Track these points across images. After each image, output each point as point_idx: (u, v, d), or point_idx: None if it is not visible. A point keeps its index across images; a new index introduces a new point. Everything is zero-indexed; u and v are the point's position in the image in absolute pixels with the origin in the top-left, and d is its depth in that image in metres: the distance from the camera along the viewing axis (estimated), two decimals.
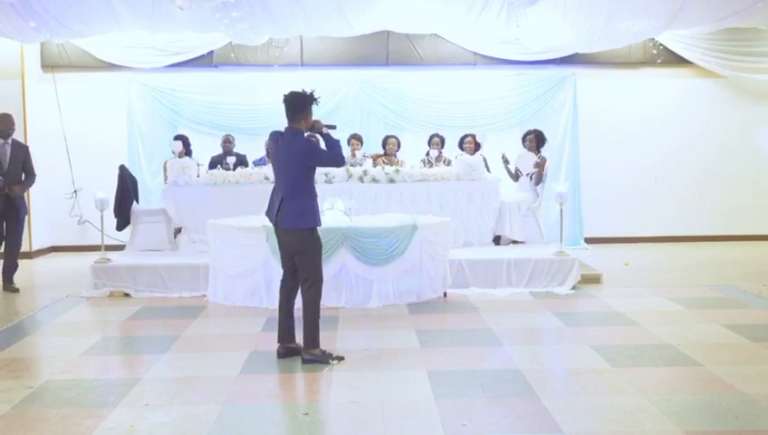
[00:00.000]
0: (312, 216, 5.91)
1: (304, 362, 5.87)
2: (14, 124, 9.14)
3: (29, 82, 11.80)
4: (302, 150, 5.84)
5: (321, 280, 5.94)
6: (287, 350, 6.06)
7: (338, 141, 6.01)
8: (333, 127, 6.16)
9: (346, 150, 10.56)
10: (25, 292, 9.31)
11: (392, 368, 5.79)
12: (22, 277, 10.33)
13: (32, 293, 9.29)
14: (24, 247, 11.66)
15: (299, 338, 6.02)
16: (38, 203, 11.91)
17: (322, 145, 6.04)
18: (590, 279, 9.03)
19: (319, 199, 6.10)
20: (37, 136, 11.90)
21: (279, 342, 6.09)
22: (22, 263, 11.23)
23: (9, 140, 9.11)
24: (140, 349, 6.64)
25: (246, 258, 7.99)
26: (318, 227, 6.00)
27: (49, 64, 12.18)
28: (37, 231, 11.91)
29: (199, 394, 5.28)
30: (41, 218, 12.01)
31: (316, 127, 5.93)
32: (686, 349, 6.12)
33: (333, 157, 6.01)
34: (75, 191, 12.24)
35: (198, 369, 5.91)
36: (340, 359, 5.91)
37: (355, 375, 5.58)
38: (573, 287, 8.67)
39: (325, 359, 5.86)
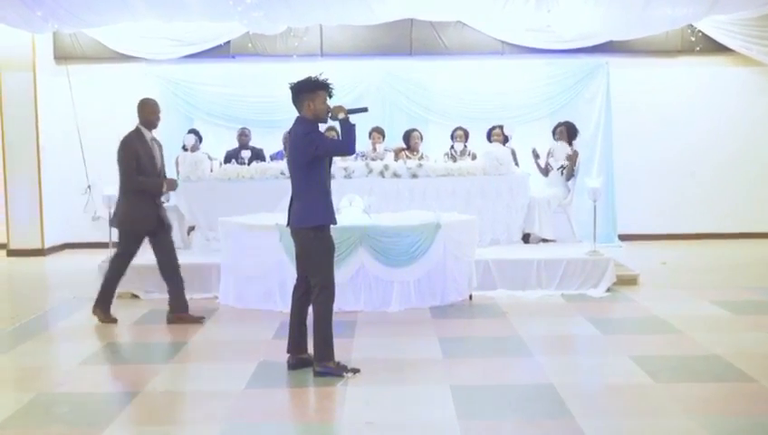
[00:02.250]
0: (317, 213, 5.39)
1: (316, 374, 5.38)
2: (160, 111, 7.40)
3: (41, 75, 11.47)
4: (298, 140, 5.37)
5: (331, 286, 5.44)
6: (298, 361, 5.58)
7: (352, 127, 5.40)
8: (363, 110, 5.61)
9: (366, 144, 10.10)
10: (34, 291, 9.01)
11: (412, 382, 5.30)
12: (32, 276, 10.04)
13: (40, 293, 8.96)
14: (37, 244, 11.42)
15: (312, 347, 5.53)
16: (51, 199, 11.61)
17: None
18: (626, 280, 8.47)
19: (336, 196, 5.60)
20: (50, 130, 11.61)
21: (289, 352, 5.61)
22: (33, 260, 11.00)
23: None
24: (143, 357, 6.21)
25: (259, 258, 7.54)
26: (331, 227, 5.50)
27: (62, 56, 11.84)
28: (50, 228, 11.58)
29: (201, 411, 4.84)
30: (54, 215, 11.68)
31: (335, 113, 5.40)
32: (736, 361, 5.55)
33: (340, 143, 5.53)
34: (89, 187, 11.86)
35: (202, 381, 5.47)
36: (356, 371, 5.42)
37: (371, 391, 5.09)
38: (608, 289, 8.12)
39: (339, 371, 5.38)
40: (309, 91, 5.36)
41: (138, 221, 6.98)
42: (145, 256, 8.93)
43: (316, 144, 5.33)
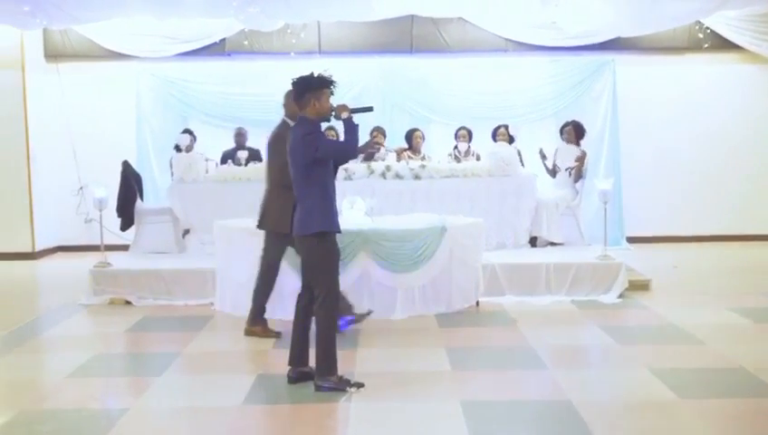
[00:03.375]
0: (320, 219, 5.06)
1: (318, 389, 5.05)
2: None
3: (30, 73, 11.10)
4: (297, 142, 5.04)
5: (335, 297, 5.12)
6: (299, 374, 5.25)
7: (356, 127, 5.13)
8: (368, 109, 5.30)
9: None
10: (24, 297, 8.69)
11: (420, 397, 4.96)
12: (23, 280, 9.70)
13: (29, 299, 8.63)
14: (28, 248, 11.08)
15: (314, 360, 5.20)
16: (42, 200, 11.26)
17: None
18: (638, 285, 8.13)
19: (337, 198, 5.24)
20: (40, 130, 11.25)
21: (291, 365, 5.28)
22: (24, 264, 10.65)
23: None
24: (135, 369, 5.88)
25: (256, 264, 7.17)
26: (335, 234, 5.17)
27: (52, 54, 11.48)
28: (41, 230, 11.22)
29: (194, 430, 4.53)
30: (46, 217, 11.32)
31: (338, 112, 5.11)
32: (763, 374, 5.22)
33: (343, 144, 5.19)
34: (81, 188, 11.49)
35: (196, 397, 5.14)
36: (360, 386, 5.09)
37: (376, 407, 4.76)
38: (620, 295, 7.78)
39: (342, 386, 5.05)
40: (315, 89, 5.05)
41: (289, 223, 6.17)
42: (139, 259, 8.68)
43: (316, 145, 5.01)
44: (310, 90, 5.05)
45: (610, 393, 5.20)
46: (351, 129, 5.10)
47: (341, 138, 5.41)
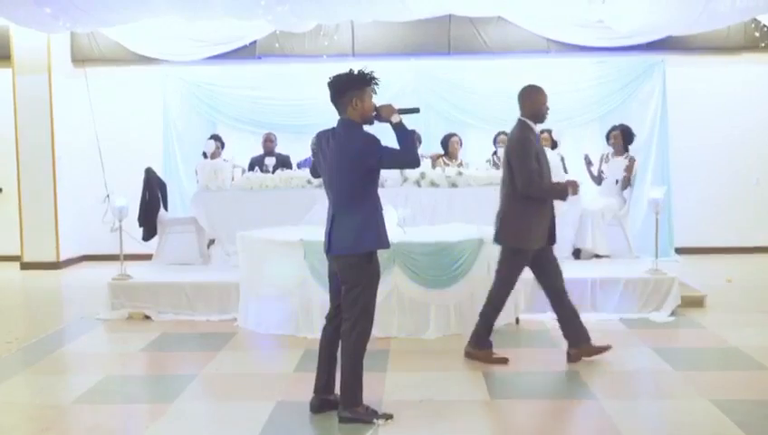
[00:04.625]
0: (373, 236, 4.54)
1: (342, 420, 4.58)
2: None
3: (57, 78, 10.85)
4: (358, 149, 4.47)
5: (369, 321, 4.61)
6: (323, 402, 4.77)
7: (412, 132, 4.59)
8: (415, 110, 4.76)
9: None
10: (42, 309, 8.37)
11: (455, 431, 4.46)
12: (44, 291, 9.40)
13: (49, 311, 8.28)
14: (52, 257, 10.81)
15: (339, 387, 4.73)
16: (67, 209, 10.99)
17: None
18: (692, 302, 7.54)
19: None
20: (66, 136, 10.99)
21: (315, 392, 4.81)
22: (48, 274, 10.36)
23: None
24: (146, 395, 5.45)
25: (281, 278, 6.76)
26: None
27: (79, 58, 11.24)
28: (66, 239, 10.96)
29: None
30: (71, 225, 11.05)
31: (384, 114, 4.56)
32: None
33: (403, 154, 4.53)
34: (108, 196, 11.17)
35: (208, 428, 4.69)
36: (388, 417, 4.60)
37: None
38: (672, 313, 7.21)
39: (369, 418, 4.57)
40: (357, 88, 4.52)
41: (534, 237, 5.71)
42: (161, 271, 8.30)
43: (379, 154, 4.46)
44: (351, 88, 4.52)
45: (667, 429, 4.62)
46: (407, 135, 4.55)
47: None
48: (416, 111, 4.78)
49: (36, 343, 6.71)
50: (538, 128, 5.85)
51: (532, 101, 5.73)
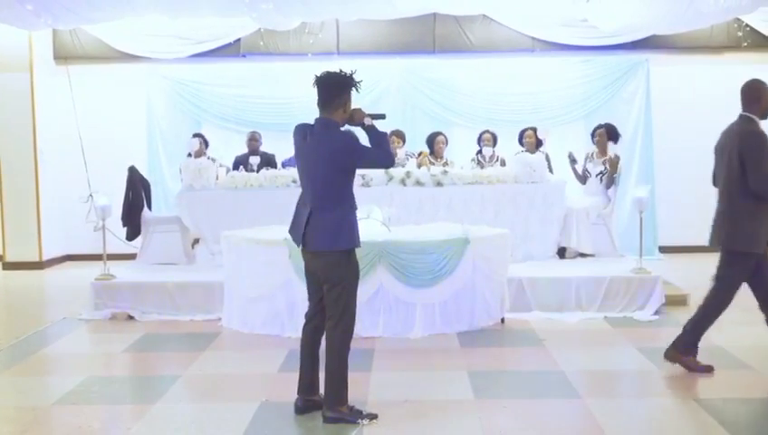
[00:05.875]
0: (350, 234, 4.58)
1: (326, 420, 4.56)
2: None
3: (39, 75, 10.74)
4: (338, 148, 4.50)
5: (352, 319, 4.62)
6: (307, 403, 4.75)
7: (385, 134, 4.68)
8: (381, 117, 4.82)
9: None
10: (24, 310, 8.28)
11: (440, 431, 4.45)
12: (27, 291, 9.32)
13: (30, 312, 8.19)
14: (34, 257, 10.71)
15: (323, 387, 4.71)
16: (50, 208, 10.88)
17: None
18: (675, 301, 7.57)
19: None
20: (48, 134, 10.89)
21: (299, 393, 4.79)
22: (30, 274, 10.27)
23: None
24: (129, 396, 5.41)
25: (266, 277, 6.74)
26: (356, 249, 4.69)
27: (62, 55, 11.11)
28: (49, 239, 10.84)
29: None
30: (54, 225, 10.94)
31: (356, 118, 4.61)
32: None
33: (381, 155, 4.61)
34: (91, 195, 11.07)
35: (192, 429, 4.64)
36: (373, 417, 4.59)
37: None
38: (656, 312, 7.24)
39: (353, 418, 4.55)
40: (349, 90, 4.55)
41: (764, 240, 5.31)
42: (144, 271, 8.25)
43: (360, 154, 4.55)
44: (347, 89, 4.55)
45: (652, 428, 4.62)
46: (381, 135, 4.63)
47: None
48: (382, 117, 4.85)
49: (18, 344, 6.65)
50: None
51: (761, 97, 5.40)
